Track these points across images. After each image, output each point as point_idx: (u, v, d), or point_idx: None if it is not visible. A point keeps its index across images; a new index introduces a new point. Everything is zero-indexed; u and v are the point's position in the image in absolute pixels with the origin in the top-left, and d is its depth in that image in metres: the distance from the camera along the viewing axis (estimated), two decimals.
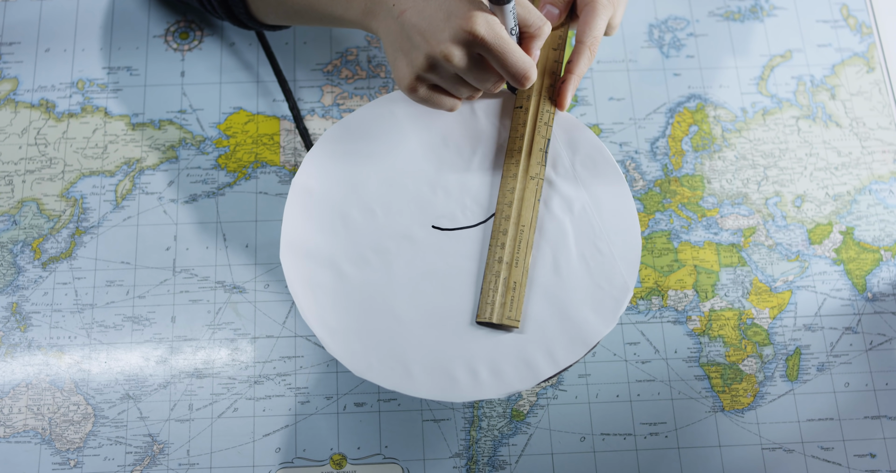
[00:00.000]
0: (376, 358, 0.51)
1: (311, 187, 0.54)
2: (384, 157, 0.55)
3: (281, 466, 0.58)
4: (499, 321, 0.51)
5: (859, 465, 0.59)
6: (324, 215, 0.54)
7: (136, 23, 0.69)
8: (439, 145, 0.55)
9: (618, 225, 0.53)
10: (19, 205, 0.64)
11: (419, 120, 0.56)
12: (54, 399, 0.59)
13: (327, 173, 0.55)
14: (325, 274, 0.53)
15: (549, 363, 0.50)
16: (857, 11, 0.71)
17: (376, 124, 0.56)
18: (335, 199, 0.54)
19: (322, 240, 0.53)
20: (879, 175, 0.66)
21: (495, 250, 0.52)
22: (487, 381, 0.50)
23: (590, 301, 0.52)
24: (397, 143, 0.55)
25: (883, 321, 0.63)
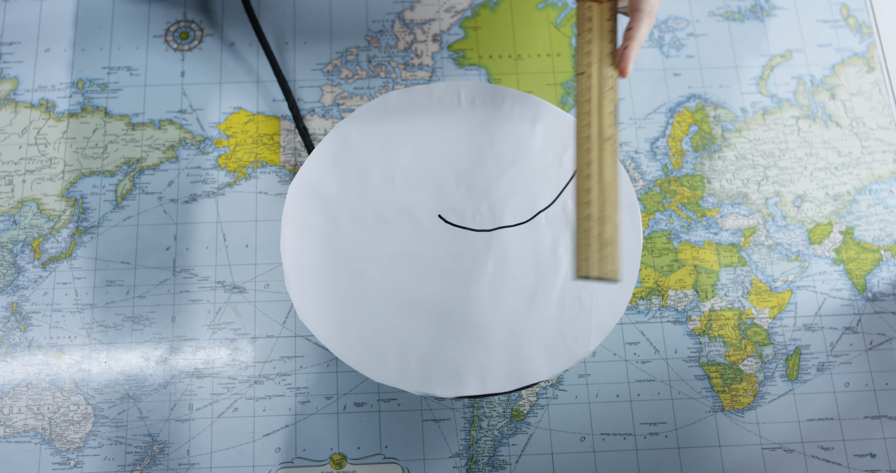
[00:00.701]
0: (324, 308, 0.51)
1: (350, 135, 0.55)
2: (428, 134, 0.56)
3: (281, 466, 0.58)
4: (599, 275, 0.50)
5: (859, 465, 0.59)
6: (348, 165, 0.55)
7: (136, 23, 0.69)
8: (484, 145, 0.56)
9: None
10: (19, 205, 0.64)
11: (477, 114, 0.56)
12: (54, 399, 0.59)
13: (371, 129, 0.56)
14: (320, 217, 0.54)
15: (476, 383, 0.50)
16: (857, 11, 0.71)
17: (439, 102, 0.56)
18: (365, 154, 0.55)
19: (335, 185, 0.54)
20: (879, 175, 0.66)
21: (582, 208, 0.52)
22: (413, 374, 0.50)
23: (546, 345, 0.51)
24: (447, 126, 0.56)
25: (883, 321, 0.63)
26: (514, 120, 0.56)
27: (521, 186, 0.55)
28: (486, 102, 0.56)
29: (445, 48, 0.69)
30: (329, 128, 0.66)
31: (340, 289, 0.52)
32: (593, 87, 0.54)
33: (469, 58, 0.69)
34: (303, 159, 0.65)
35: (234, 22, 0.70)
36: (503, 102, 0.56)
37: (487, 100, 0.56)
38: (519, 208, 0.54)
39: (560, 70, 0.69)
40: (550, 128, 0.56)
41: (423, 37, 0.69)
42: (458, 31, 0.70)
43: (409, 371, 0.51)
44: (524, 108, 0.56)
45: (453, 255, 0.53)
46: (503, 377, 0.51)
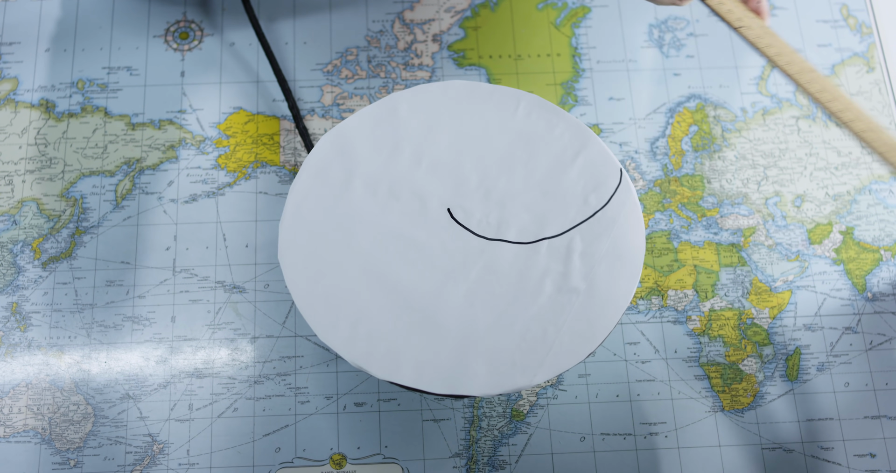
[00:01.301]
0: (302, 255, 0.52)
1: (400, 107, 0.56)
2: (473, 130, 0.56)
3: (281, 466, 0.58)
4: None
5: (859, 465, 0.59)
6: (387, 132, 0.55)
7: (136, 23, 0.69)
8: (521, 158, 0.55)
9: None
10: (19, 205, 0.64)
11: (528, 127, 0.56)
12: (54, 399, 0.59)
13: (421, 108, 0.56)
14: (339, 171, 0.54)
15: (411, 374, 0.50)
16: (857, 11, 0.71)
17: (496, 104, 0.56)
18: (407, 128, 0.55)
19: (366, 146, 0.55)
20: (879, 175, 0.66)
21: (854, 125, 0.52)
22: (357, 345, 0.50)
23: (492, 364, 0.51)
24: (494, 129, 0.56)
25: (883, 321, 0.63)
26: (560, 145, 0.55)
27: (538, 208, 0.54)
28: (540, 119, 0.55)
29: (445, 48, 0.69)
30: (329, 128, 0.66)
31: (326, 242, 0.52)
32: (763, 35, 0.54)
33: (469, 58, 0.69)
34: (302, 159, 0.66)
35: (234, 22, 0.70)
36: (557, 124, 0.55)
37: (543, 117, 0.55)
38: (526, 228, 0.53)
39: (560, 70, 0.69)
40: (591, 164, 0.55)
41: (423, 37, 0.69)
42: (458, 31, 0.70)
43: (354, 341, 0.51)
44: (574, 137, 0.55)
45: (444, 250, 0.53)
46: (437, 378, 0.50)
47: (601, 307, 0.52)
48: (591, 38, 0.70)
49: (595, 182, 0.54)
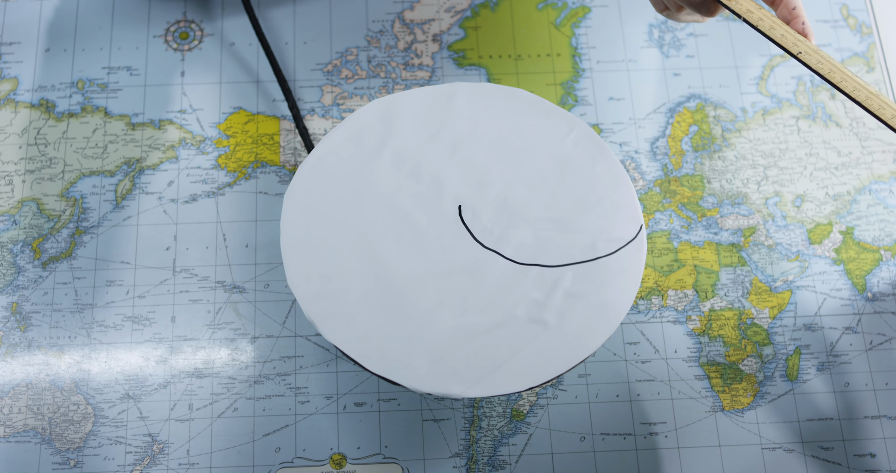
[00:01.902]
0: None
1: (457, 97, 0.56)
2: (516, 135, 0.56)
3: (281, 466, 0.58)
4: None
5: (859, 465, 0.59)
6: (432, 115, 0.56)
7: (136, 23, 0.69)
8: (552, 180, 0.55)
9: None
10: (19, 205, 0.64)
11: (576, 153, 0.56)
12: (54, 399, 0.59)
13: (478, 99, 0.56)
14: (373, 138, 0.55)
15: (379, 362, 0.50)
16: (857, 11, 0.71)
17: (545, 128, 0.56)
18: (454, 112, 0.56)
19: (405, 121, 0.55)
20: (879, 175, 0.66)
21: (884, 111, 0.52)
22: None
23: (434, 364, 0.51)
24: (542, 146, 0.55)
25: (883, 321, 0.63)
26: (594, 183, 0.54)
27: (544, 234, 0.54)
28: (585, 152, 0.55)
29: (445, 48, 0.69)
30: (329, 128, 0.66)
31: (334, 197, 0.53)
32: (822, 59, 0.53)
33: (469, 58, 0.69)
34: (302, 159, 0.66)
35: (234, 22, 0.70)
36: (599, 161, 0.54)
37: (589, 151, 0.55)
38: (524, 249, 0.53)
39: (560, 70, 0.69)
40: (615, 211, 0.54)
41: (423, 37, 0.69)
42: (458, 31, 0.70)
43: (319, 298, 0.51)
44: (610, 179, 0.54)
45: (439, 242, 0.53)
46: (380, 357, 0.51)
47: (562, 349, 0.51)
48: (591, 38, 0.70)
49: (611, 230, 0.53)
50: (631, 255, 0.52)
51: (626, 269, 0.52)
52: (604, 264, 0.52)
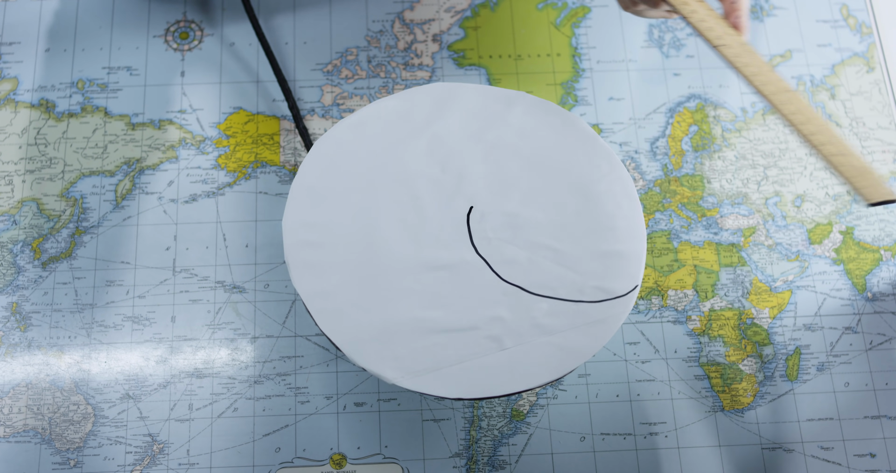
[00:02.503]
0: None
1: (515, 104, 0.57)
2: (565, 164, 0.55)
3: (281, 466, 0.58)
4: (887, 197, 0.49)
5: (859, 465, 0.59)
6: (470, 103, 0.56)
7: (136, 23, 0.69)
8: (573, 214, 0.54)
9: None
10: (19, 205, 0.64)
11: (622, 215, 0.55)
12: (54, 399, 0.59)
13: (532, 108, 0.56)
14: (400, 123, 0.55)
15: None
16: (857, 11, 0.71)
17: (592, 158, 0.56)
18: (501, 116, 0.56)
19: (431, 103, 0.55)
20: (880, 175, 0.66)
21: (824, 148, 0.51)
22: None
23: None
24: (581, 182, 0.55)
25: (883, 321, 0.63)
26: (612, 232, 0.53)
27: (540, 261, 0.53)
28: (620, 195, 0.54)
29: (445, 48, 0.69)
30: (329, 127, 0.66)
31: (348, 173, 0.54)
32: (742, 53, 0.53)
33: (469, 58, 0.69)
34: (302, 159, 0.66)
35: (234, 22, 0.70)
36: (627, 210, 0.54)
37: (625, 194, 0.54)
38: (513, 265, 0.53)
39: (560, 70, 0.69)
40: (620, 262, 0.53)
41: (423, 37, 0.69)
42: (458, 31, 0.70)
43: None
44: (628, 231, 0.53)
45: (437, 233, 0.53)
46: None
47: (504, 374, 0.51)
48: (591, 38, 0.70)
49: (605, 279, 0.52)
50: (613, 310, 0.52)
51: (602, 321, 0.51)
52: (583, 309, 0.52)
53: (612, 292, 0.52)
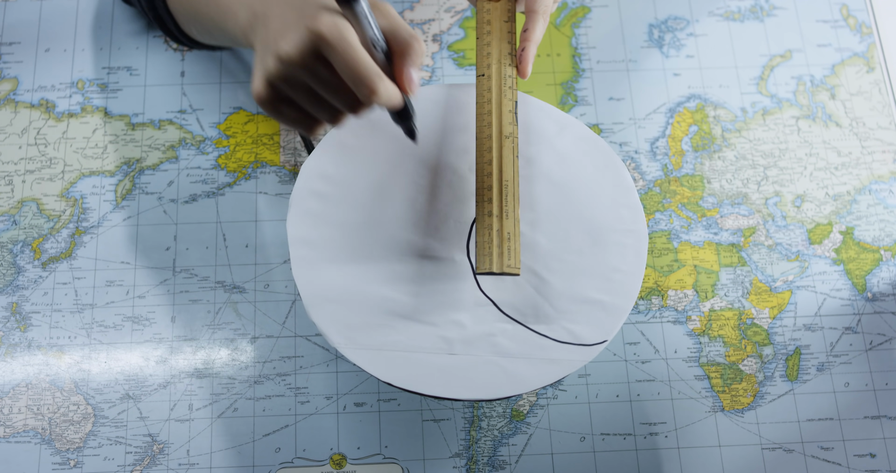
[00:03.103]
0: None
1: (570, 127, 0.58)
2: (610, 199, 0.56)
3: (281, 466, 0.58)
4: (499, 270, 0.51)
5: (859, 465, 0.59)
6: (536, 114, 0.57)
7: (136, 23, 0.69)
8: (591, 257, 0.54)
9: None
10: (19, 205, 0.64)
11: None
12: (54, 399, 0.59)
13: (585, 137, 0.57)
14: (450, 101, 0.56)
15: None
16: (857, 11, 0.71)
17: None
18: (546, 117, 0.57)
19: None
20: (879, 175, 0.66)
21: (483, 205, 0.53)
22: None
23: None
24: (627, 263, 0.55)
25: (883, 321, 0.63)
26: (606, 284, 0.53)
27: (522, 285, 0.53)
28: (630, 253, 0.54)
29: (445, 48, 0.69)
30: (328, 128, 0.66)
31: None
32: (493, 87, 0.55)
33: (469, 58, 0.69)
34: (302, 160, 0.66)
35: None
36: (629, 267, 0.54)
37: (634, 254, 0.54)
38: (494, 282, 0.53)
39: (560, 70, 0.69)
40: (601, 318, 0.53)
41: (423, 37, 0.69)
42: (458, 31, 0.70)
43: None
44: (621, 288, 0.53)
45: (438, 223, 0.54)
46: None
47: (443, 378, 0.51)
48: (591, 38, 0.70)
49: (577, 325, 0.52)
50: (573, 355, 0.51)
51: (557, 362, 0.51)
52: (543, 344, 0.52)
53: (580, 338, 0.52)
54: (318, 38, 0.44)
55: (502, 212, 0.52)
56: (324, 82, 0.46)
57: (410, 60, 0.47)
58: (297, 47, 0.45)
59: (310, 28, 0.44)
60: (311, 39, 0.44)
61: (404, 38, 0.47)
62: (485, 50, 0.56)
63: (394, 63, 0.48)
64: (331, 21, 0.44)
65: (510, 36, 0.56)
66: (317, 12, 0.45)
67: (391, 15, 0.47)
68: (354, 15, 0.44)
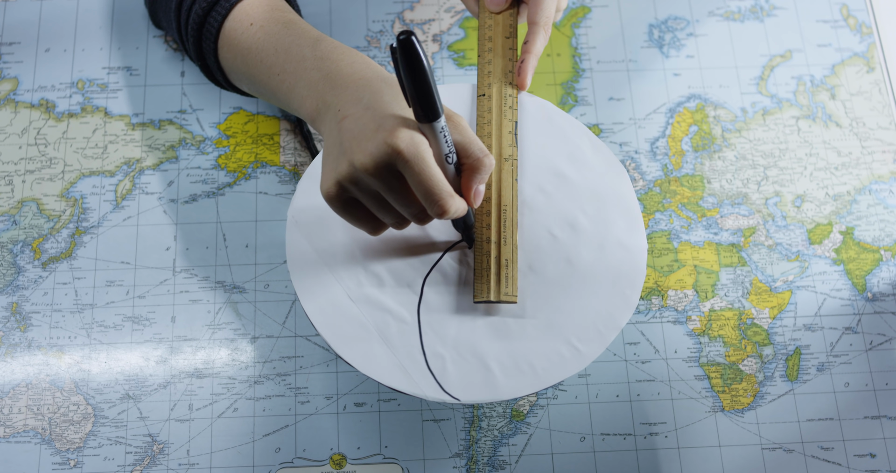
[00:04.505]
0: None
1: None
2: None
3: (281, 466, 0.58)
4: (496, 298, 0.51)
5: (859, 465, 0.59)
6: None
7: (136, 23, 0.69)
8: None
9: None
10: (19, 205, 0.64)
11: None
12: (54, 399, 0.59)
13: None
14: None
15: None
16: (857, 11, 0.71)
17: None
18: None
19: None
20: (879, 175, 0.66)
21: (482, 231, 0.52)
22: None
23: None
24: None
25: (883, 321, 0.63)
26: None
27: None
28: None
29: (445, 48, 0.69)
30: None
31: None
32: (493, 108, 0.54)
33: (469, 58, 0.69)
34: (303, 159, 0.66)
35: None
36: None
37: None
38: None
39: (560, 70, 0.69)
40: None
41: (423, 37, 0.69)
42: (458, 31, 0.70)
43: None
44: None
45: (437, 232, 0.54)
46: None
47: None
48: (591, 38, 0.70)
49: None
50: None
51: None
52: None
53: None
54: (396, 155, 0.44)
55: (500, 238, 0.52)
56: (394, 192, 0.47)
57: (480, 178, 0.49)
58: (374, 160, 0.45)
59: (388, 143, 0.44)
60: (388, 154, 0.45)
61: (476, 156, 0.48)
62: (486, 69, 0.56)
63: (462, 176, 0.49)
64: (409, 138, 0.44)
65: (511, 53, 0.56)
66: (395, 127, 0.45)
67: (465, 130, 0.48)
68: (432, 130, 0.45)
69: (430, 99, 0.43)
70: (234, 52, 0.56)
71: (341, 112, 0.48)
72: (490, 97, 0.55)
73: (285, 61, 0.53)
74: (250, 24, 0.56)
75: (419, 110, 0.44)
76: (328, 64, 0.51)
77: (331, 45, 0.52)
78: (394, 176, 0.46)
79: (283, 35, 0.55)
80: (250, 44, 0.56)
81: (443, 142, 0.46)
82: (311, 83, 0.51)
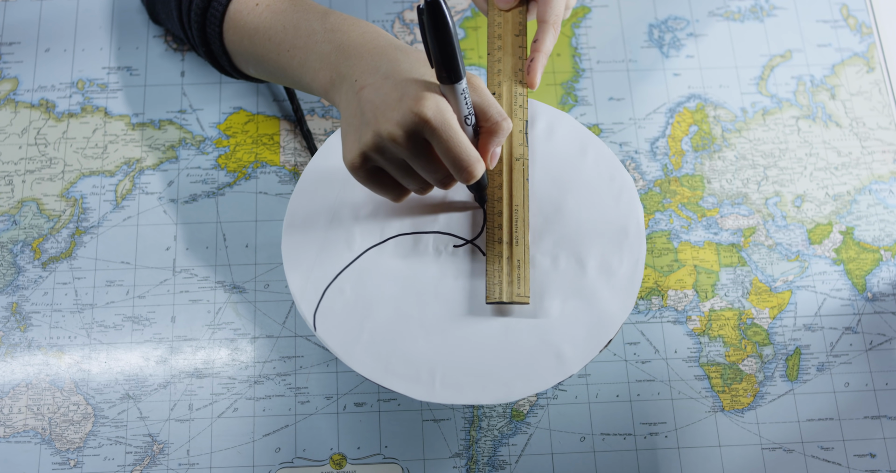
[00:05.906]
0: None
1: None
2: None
3: (281, 466, 0.58)
4: (509, 299, 0.51)
5: (859, 465, 0.59)
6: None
7: (136, 23, 0.69)
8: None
9: None
10: (19, 205, 0.64)
11: None
12: (54, 399, 0.59)
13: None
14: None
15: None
16: (857, 11, 0.71)
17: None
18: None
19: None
20: (879, 175, 0.66)
21: (493, 232, 0.52)
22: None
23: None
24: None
25: (883, 321, 0.63)
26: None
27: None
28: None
29: None
30: (329, 128, 0.66)
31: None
32: (504, 107, 0.54)
33: (469, 58, 0.69)
34: (303, 159, 0.66)
35: None
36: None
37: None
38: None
39: (560, 70, 0.69)
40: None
41: None
42: (458, 31, 0.70)
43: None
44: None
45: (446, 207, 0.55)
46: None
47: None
48: (591, 38, 0.70)
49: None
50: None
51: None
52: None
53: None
54: (423, 123, 0.45)
55: (512, 238, 0.52)
56: (421, 159, 0.47)
57: (497, 141, 0.49)
58: (402, 128, 0.45)
59: (415, 111, 0.45)
60: (415, 123, 0.45)
61: (495, 119, 0.48)
62: (495, 67, 0.55)
63: (480, 138, 0.49)
64: (435, 106, 0.45)
65: (521, 51, 0.55)
66: (419, 93, 0.45)
67: (484, 92, 0.48)
68: (453, 92, 0.45)
69: (454, 61, 0.44)
70: (241, 34, 0.57)
71: (358, 82, 0.48)
72: (500, 96, 0.54)
73: (295, 37, 0.53)
74: (256, 4, 0.56)
75: (443, 72, 0.44)
76: (339, 35, 0.51)
77: (340, 17, 0.53)
78: (420, 144, 0.46)
79: (290, 12, 0.55)
80: (258, 24, 0.56)
81: (462, 104, 0.46)
82: (323, 56, 0.51)
